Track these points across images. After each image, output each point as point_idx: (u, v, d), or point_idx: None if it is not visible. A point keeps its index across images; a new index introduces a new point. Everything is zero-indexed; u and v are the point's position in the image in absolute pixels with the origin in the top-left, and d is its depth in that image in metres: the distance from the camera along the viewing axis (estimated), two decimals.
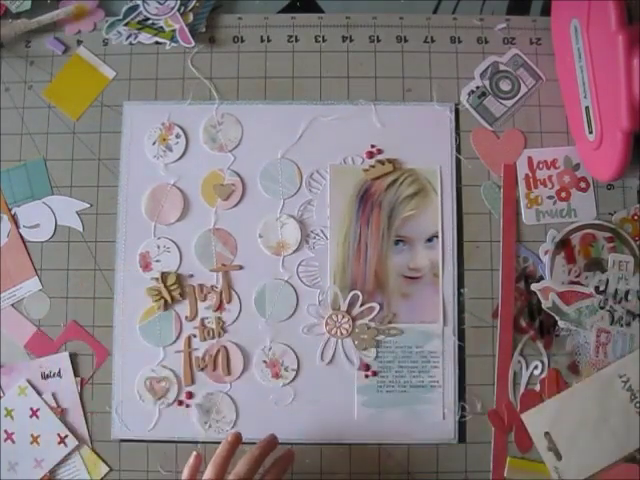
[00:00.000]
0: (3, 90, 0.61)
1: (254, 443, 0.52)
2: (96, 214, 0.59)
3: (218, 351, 0.58)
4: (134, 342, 0.58)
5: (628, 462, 0.55)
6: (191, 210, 0.59)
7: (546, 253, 0.58)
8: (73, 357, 0.58)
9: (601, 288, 0.57)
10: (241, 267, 0.59)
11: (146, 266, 0.59)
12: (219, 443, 0.51)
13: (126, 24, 0.61)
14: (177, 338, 0.58)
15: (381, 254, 0.58)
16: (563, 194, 0.59)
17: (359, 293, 0.58)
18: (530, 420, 0.55)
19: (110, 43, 0.61)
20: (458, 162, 0.59)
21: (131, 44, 0.61)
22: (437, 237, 0.58)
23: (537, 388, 0.57)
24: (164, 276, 0.58)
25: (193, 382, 0.58)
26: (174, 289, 0.58)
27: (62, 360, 0.58)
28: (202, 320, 0.58)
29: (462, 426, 0.57)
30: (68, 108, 0.61)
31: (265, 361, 0.58)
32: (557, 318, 0.57)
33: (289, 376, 0.57)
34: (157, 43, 0.61)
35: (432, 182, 0.59)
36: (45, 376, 0.58)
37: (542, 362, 0.57)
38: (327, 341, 0.58)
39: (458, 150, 0.59)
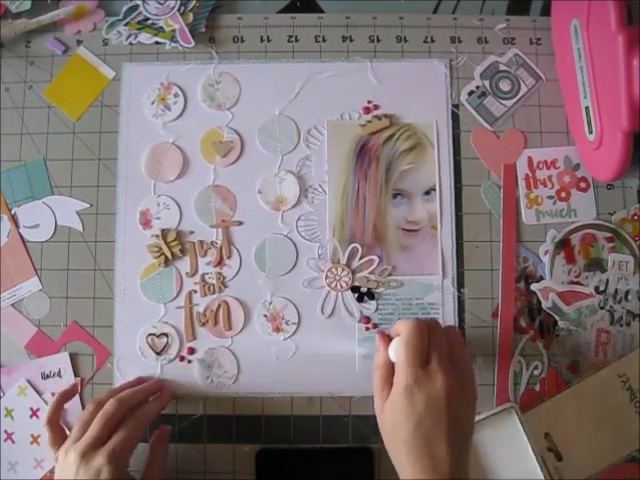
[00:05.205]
0: (3, 90, 0.61)
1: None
2: (96, 214, 0.59)
3: (219, 306, 0.58)
4: (135, 299, 0.58)
5: (628, 462, 0.55)
6: (190, 168, 0.60)
7: (546, 253, 0.58)
8: (73, 357, 0.58)
9: (601, 288, 0.57)
10: (241, 223, 0.59)
11: (146, 223, 0.59)
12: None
13: (126, 24, 0.61)
14: (178, 294, 0.58)
15: (379, 207, 0.59)
16: (563, 194, 0.59)
17: (358, 246, 0.58)
18: (530, 420, 0.55)
19: (110, 43, 0.61)
20: (454, 115, 0.60)
21: (131, 44, 0.61)
22: (435, 190, 0.59)
23: (537, 388, 0.57)
24: (164, 233, 0.59)
25: (194, 337, 0.58)
26: (174, 245, 0.58)
27: (62, 360, 0.58)
28: (202, 276, 0.58)
29: None
30: (68, 108, 0.61)
31: (266, 315, 0.58)
32: (557, 318, 0.57)
33: (290, 330, 0.57)
34: (157, 43, 0.61)
35: (428, 136, 0.59)
36: (45, 376, 0.58)
37: (542, 362, 0.57)
38: (327, 294, 0.58)
39: (454, 104, 0.60)
